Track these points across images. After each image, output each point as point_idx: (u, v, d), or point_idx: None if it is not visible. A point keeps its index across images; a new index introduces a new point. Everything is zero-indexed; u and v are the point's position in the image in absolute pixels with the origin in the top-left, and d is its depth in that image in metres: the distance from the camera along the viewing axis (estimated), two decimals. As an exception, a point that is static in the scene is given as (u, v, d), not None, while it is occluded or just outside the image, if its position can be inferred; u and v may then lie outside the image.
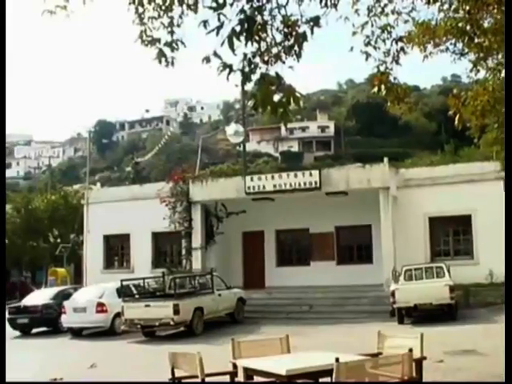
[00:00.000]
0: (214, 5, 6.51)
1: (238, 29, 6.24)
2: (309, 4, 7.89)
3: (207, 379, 8.40)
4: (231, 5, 6.69)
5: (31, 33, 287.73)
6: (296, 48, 6.95)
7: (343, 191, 27.94)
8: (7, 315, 25.76)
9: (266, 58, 6.80)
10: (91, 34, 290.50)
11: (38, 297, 27.15)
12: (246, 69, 6.53)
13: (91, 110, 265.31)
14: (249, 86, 6.91)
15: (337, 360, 7.03)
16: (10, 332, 24.98)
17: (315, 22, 7.02)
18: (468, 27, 10.92)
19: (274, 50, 6.96)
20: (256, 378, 8.75)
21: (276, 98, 6.38)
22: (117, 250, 34.86)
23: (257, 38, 6.59)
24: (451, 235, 28.29)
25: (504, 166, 7.22)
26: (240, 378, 8.97)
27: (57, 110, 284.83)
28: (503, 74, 10.93)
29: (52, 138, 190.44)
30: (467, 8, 10.61)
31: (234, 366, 9.11)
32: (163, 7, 7.95)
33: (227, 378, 9.06)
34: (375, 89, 10.92)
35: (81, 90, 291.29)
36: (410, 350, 7.75)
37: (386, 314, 22.97)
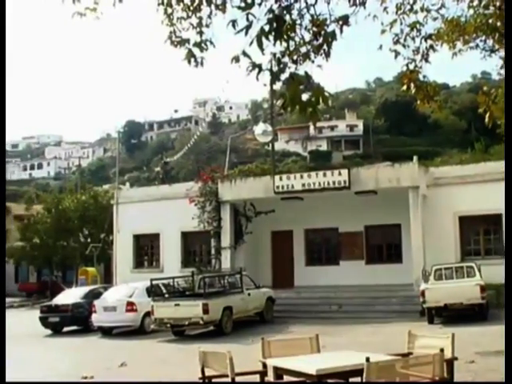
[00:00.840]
0: (243, 4, 6.52)
1: (266, 28, 6.23)
2: (337, 3, 7.87)
3: (237, 378, 8.41)
4: (260, 4, 6.69)
5: (63, 34, 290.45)
6: (325, 47, 6.93)
7: (372, 190, 27.82)
8: (39, 314, 26.06)
9: (294, 58, 6.79)
10: (121, 35, 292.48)
11: (69, 296, 27.37)
12: (275, 68, 6.53)
13: (120, 110, 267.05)
14: (277, 86, 6.92)
15: (367, 360, 6.99)
16: (41, 330, 25.33)
17: (344, 20, 7.00)
18: (498, 23, 10.79)
19: (303, 49, 6.94)
20: (286, 378, 8.74)
21: (304, 97, 6.36)
22: (146, 249, 35.07)
23: (285, 37, 6.59)
24: (482, 234, 28.01)
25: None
26: (270, 377, 8.97)
27: (86, 110, 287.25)
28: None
29: (82, 138, 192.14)
30: (498, 4, 10.49)
31: (264, 365, 9.11)
32: (192, 8, 7.98)
33: (257, 378, 9.07)
34: (404, 87, 10.85)
35: (110, 91, 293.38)
36: (442, 350, 7.68)
37: (415, 314, 22.84)
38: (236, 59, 6.43)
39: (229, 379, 8.37)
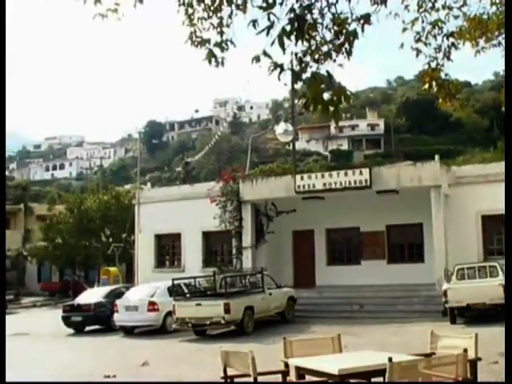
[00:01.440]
0: (264, 4, 6.52)
1: (288, 28, 6.23)
2: (358, 1, 7.85)
3: (259, 378, 8.41)
4: (281, 4, 6.69)
5: (85, 35, 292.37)
6: (346, 46, 6.91)
7: (394, 189, 27.68)
8: (61, 313, 26.24)
9: (316, 57, 6.78)
10: (142, 36, 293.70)
11: (91, 295, 27.51)
12: (297, 68, 6.53)
13: (141, 110, 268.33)
14: (298, 85, 6.91)
15: (390, 360, 6.96)
16: (63, 330, 25.50)
17: (366, 19, 6.98)
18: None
19: (325, 49, 6.93)
20: (308, 378, 8.73)
21: (326, 96, 6.35)
22: (168, 249, 35.15)
23: (307, 36, 6.58)
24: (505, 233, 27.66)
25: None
26: (292, 377, 8.96)
27: (108, 111, 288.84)
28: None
29: (103, 138, 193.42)
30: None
31: (286, 364, 9.10)
32: (212, 8, 8.00)
33: (279, 377, 9.06)
34: (426, 85, 10.78)
35: (131, 92, 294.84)
36: (465, 351, 7.63)
37: (437, 314, 22.71)
38: (257, 59, 6.44)
39: (251, 379, 8.38)
